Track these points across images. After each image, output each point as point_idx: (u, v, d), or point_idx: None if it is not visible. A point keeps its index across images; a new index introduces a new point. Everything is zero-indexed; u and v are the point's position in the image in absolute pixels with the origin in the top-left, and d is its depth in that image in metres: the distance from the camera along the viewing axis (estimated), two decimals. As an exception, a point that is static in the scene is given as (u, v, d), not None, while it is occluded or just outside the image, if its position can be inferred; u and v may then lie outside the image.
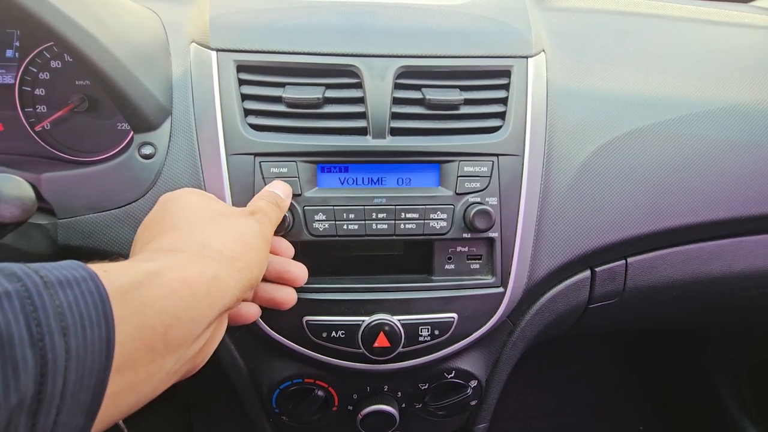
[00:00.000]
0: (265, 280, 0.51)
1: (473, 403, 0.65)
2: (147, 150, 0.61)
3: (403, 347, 0.57)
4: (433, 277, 0.60)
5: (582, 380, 1.41)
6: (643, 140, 0.67)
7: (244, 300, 0.50)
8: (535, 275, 0.63)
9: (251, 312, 0.51)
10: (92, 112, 0.72)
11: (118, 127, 0.72)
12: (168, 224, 0.44)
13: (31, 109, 0.71)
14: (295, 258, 0.54)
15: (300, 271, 0.52)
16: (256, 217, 0.47)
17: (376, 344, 0.56)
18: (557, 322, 0.71)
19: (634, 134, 0.67)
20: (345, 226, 0.57)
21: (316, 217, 0.56)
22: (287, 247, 0.54)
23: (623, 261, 0.71)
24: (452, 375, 0.63)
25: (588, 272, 0.69)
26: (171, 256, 0.39)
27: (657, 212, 0.67)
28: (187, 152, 0.60)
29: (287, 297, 0.52)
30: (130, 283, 0.33)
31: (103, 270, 0.32)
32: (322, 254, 0.59)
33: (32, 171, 0.61)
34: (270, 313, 0.57)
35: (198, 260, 0.39)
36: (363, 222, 0.57)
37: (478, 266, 0.60)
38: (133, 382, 0.32)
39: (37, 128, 0.72)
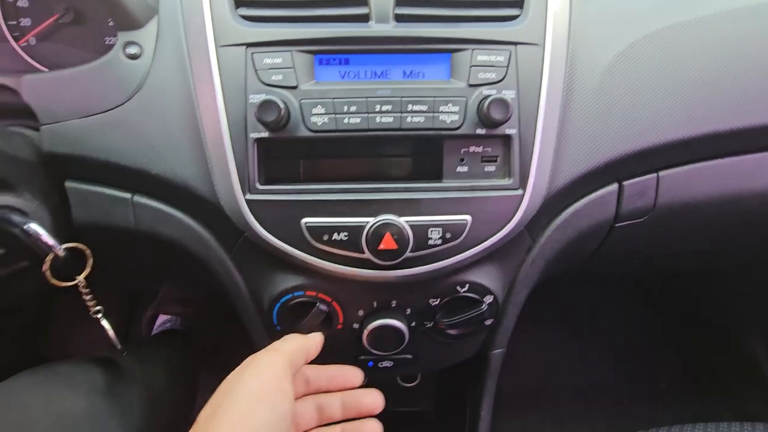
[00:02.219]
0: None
1: (488, 322, 0.60)
2: (132, 50, 0.57)
3: (411, 251, 0.52)
4: (443, 181, 0.54)
5: (604, 334, 1.36)
6: (682, 37, 0.60)
7: None
8: (556, 181, 0.57)
9: None
10: (79, 26, 0.68)
11: (107, 42, 0.68)
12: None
13: (14, 22, 0.67)
14: (289, 159, 0.50)
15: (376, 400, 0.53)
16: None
17: (381, 246, 0.51)
18: (579, 242, 0.66)
19: (673, 30, 0.60)
20: (346, 120, 0.51)
21: (314, 111, 0.51)
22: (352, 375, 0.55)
23: (654, 174, 0.64)
24: (465, 289, 0.58)
25: (615, 186, 0.63)
26: None
27: (693, 115, 0.60)
28: (175, 51, 0.56)
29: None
30: None
31: None
32: (324, 156, 0.54)
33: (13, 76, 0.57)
34: (266, 215, 0.53)
35: None
36: (366, 115, 0.51)
37: (493, 168, 0.55)
38: None
39: (22, 42, 0.68)
